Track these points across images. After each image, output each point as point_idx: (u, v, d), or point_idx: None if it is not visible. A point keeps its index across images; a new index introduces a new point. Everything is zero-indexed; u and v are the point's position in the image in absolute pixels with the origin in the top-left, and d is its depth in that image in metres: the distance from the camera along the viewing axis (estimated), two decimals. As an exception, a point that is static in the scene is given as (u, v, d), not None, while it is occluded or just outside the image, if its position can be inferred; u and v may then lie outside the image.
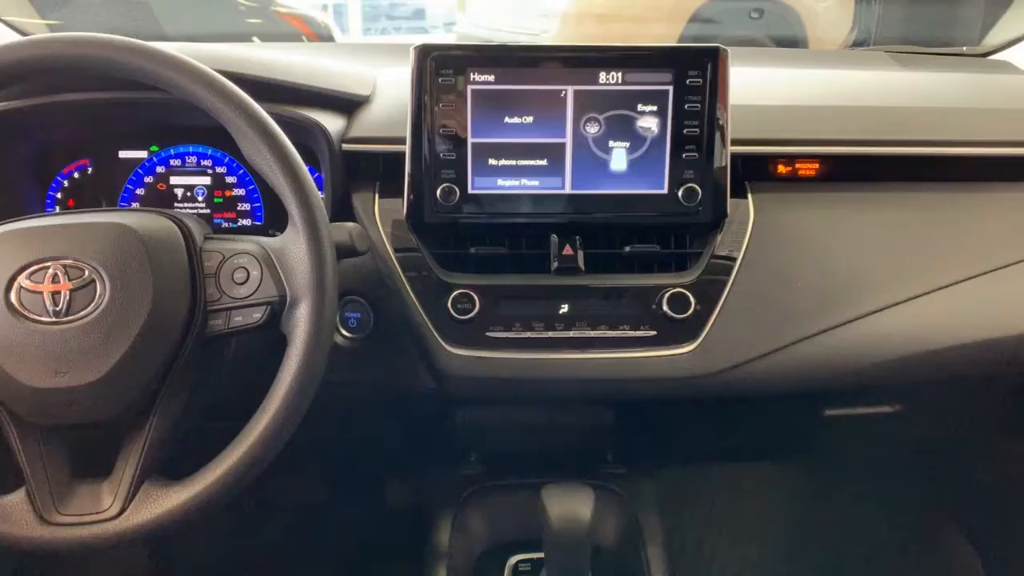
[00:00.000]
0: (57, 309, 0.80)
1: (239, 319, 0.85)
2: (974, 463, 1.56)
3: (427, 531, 1.27)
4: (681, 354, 1.02)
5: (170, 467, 0.86)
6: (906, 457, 1.60)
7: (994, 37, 1.56)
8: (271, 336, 0.86)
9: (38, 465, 0.83)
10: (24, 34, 1.39)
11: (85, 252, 0.81)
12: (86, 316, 0.80)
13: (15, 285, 0.79)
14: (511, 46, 1.01)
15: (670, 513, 1.33)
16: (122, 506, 0.82)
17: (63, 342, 0.79)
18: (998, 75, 1.39)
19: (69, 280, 0.81)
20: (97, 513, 0.82)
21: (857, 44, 2.09)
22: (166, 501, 0.82)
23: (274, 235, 0.89)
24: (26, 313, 0.79)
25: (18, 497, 0.82)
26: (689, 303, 1.01)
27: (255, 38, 2.34)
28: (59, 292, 0.80)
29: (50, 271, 0.80)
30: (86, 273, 0.80)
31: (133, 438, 0.83)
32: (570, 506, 0.99)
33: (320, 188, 0.93)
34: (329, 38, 2.94)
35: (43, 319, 0.79)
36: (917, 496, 1.65)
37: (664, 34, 3.01)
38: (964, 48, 1.60)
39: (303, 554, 1.65)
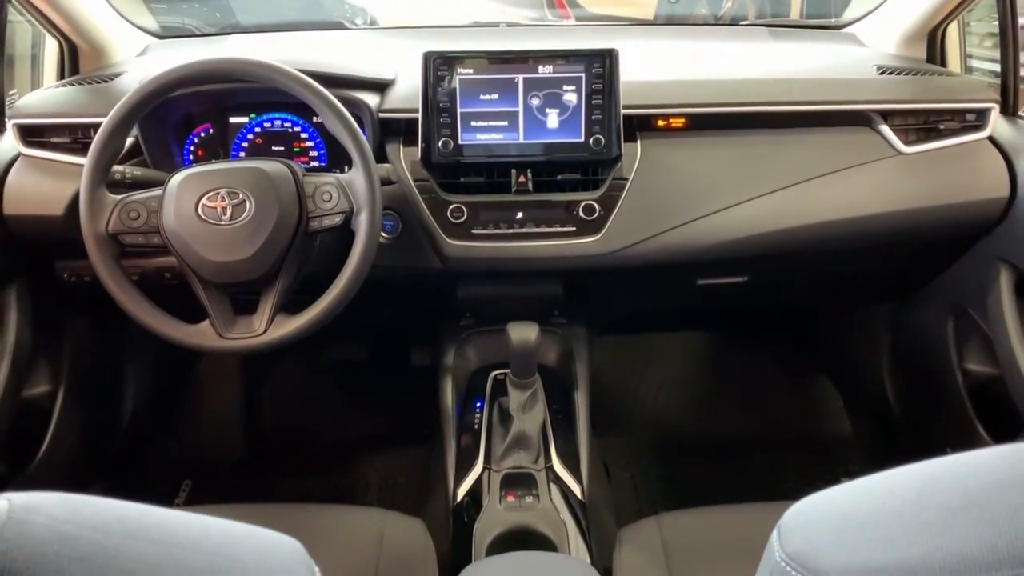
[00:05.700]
0: (225, 217, 1.19)
1: (327, 221, 1.23)
2: (825, 324, 2.05)
3: (438, 359, 1.66)
4: (590, 242, 1.41)
5: (288, 308, 1.25)
6: (777, 320, 2.09)
7: (849, 12, 1.92)
8: (343, 236, 1.25)
9: (216, 307, 1.22)
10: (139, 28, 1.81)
11: (239, 183, 1.20)
12: (241, 221, 1.19)
13: (200, 203, 1.20)
14: (484, 52, 1.37)
15: (594, 346, 1.72)
16: (265, 327, 1.22)
17: (228, 235, 1.18)
18: (836, 45, 1.78)
19: (230, 200, 1.19)
20: (251, 332, 1.22)
21: (809, 16, 2.46)
22: (290, 324, 1.21)
23: (343, 172, 1.30)
24: (207, 219, 1.19)
25: (205, 324, 1.22)
26: (596, 210, 1.40)
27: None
28: (225, 207, 1.19)
29: (220, 194, 1.19)
30: (240, 196, 1.19)
31: (269, 290, 1.23)
32: (523, 331, 1.33)
33: None
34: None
35: (215, 223, 1.19)
36: (790, 350, 2.16)
37: (642, 12, 3.05)
38: (832, 20, 1.95)
39: (351, 384, 2.21)
